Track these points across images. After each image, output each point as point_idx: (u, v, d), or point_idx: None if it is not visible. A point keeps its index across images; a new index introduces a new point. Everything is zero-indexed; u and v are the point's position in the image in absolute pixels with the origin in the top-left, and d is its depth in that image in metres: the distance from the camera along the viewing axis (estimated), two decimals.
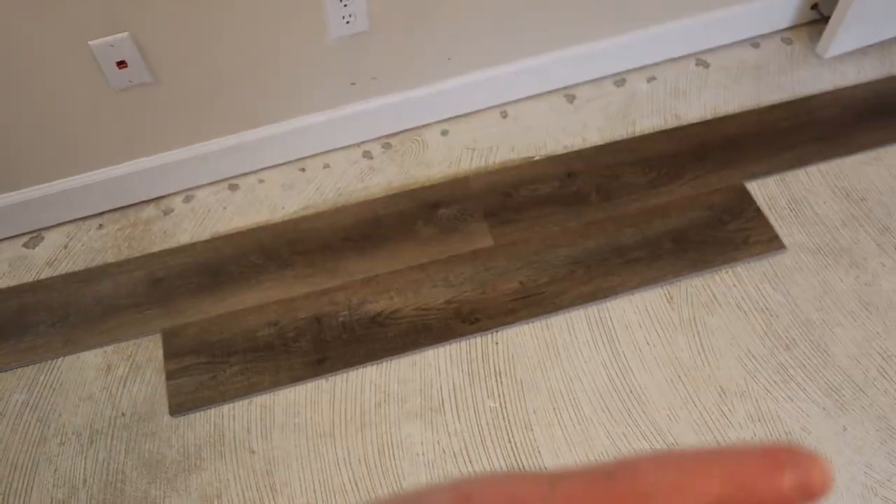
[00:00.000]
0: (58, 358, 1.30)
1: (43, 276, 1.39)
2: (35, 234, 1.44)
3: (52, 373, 1.28)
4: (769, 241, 1.38)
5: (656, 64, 1.63)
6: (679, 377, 1.25)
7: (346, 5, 1.28)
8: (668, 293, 1.34)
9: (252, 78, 1.34)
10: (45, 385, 1.27)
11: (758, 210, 1.42)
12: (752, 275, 1.35)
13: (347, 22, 1.31)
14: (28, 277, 1.39)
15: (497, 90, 1.55)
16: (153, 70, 1.26)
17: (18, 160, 1.32)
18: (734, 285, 1.34)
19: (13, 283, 1.38)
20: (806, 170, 1.48)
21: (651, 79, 1.62)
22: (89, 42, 1.18)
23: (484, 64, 1.49)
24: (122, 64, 1.23)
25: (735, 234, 1.39)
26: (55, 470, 1.19)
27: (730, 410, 1.22)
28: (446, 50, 1.43)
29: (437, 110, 1.53)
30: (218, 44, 1.26)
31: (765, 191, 1.45)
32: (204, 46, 1.26)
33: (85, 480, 1.18)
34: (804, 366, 1.26)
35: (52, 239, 1.44)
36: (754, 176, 1.46)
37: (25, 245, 1.43)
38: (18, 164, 1.33)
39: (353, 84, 1.42)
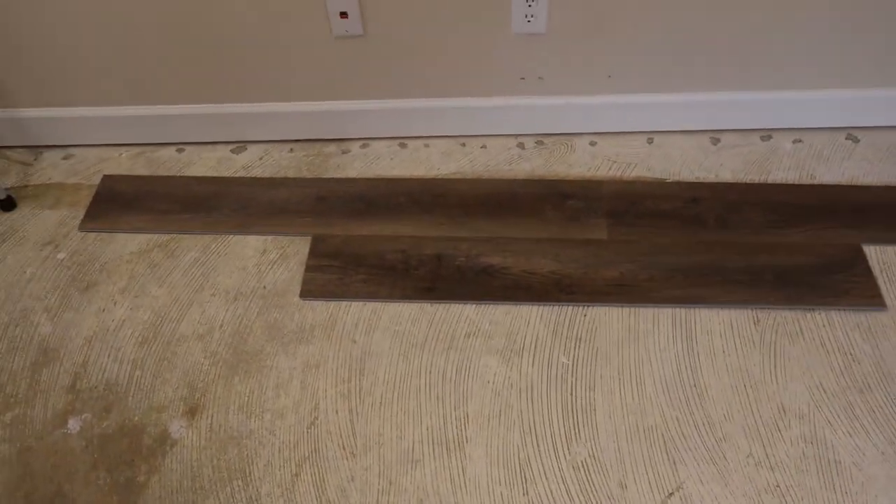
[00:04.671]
0: (230, 235, 1.59)
1: (238, 175, 1.71)
2: (241, 145, 1.78)
3: (222, 244, 1.58)
4: (870, 298, 1.43)
5: (806, 129, 1.73)
6: (744, 386, 1.33)
7: (530, 5, 1.52)
8: (756, 316, 1.42)
9: (440, 53, 1.60)
10: (215, 251, 1.56)
11: (868, 269, 1.47)
12: (844, 322, 1.41)
13: (528, 21, 1.54)
14: (227, 173, 1.72)
15: (649, 117, 1.72)
16: (365, 25, 1.55)
17: (246, 78, 1.65)
18: (823, 326, 1.40)
19: (216, 174, 1.71)
20: None
21: (797, 140, 1.72)
22: None
23: (640, 89, 1.67)
24: (343, 14, 1.54)
25: (838, 283, 1.45)
26: (203, 312, 1.47)
27: (785, 427, 1.28)
28: (609, 67, 1.62)
29: (591, 122, 1.73)
30: (420, 14, 1.53)
31: (881, 256, 1.49)
32: (407, 15, 1.53)
33: (221, 325, 1.44)
34: (874, 411, 1.29)
35: (253, 151, 1.77)
36: (874, 241, 1.52)
37: (232, 151, 1.77)
38: (245, 81, 1.66)
39: (522, 79, 1.65)
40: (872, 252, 1.50)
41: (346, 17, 1.54)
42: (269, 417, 1.32)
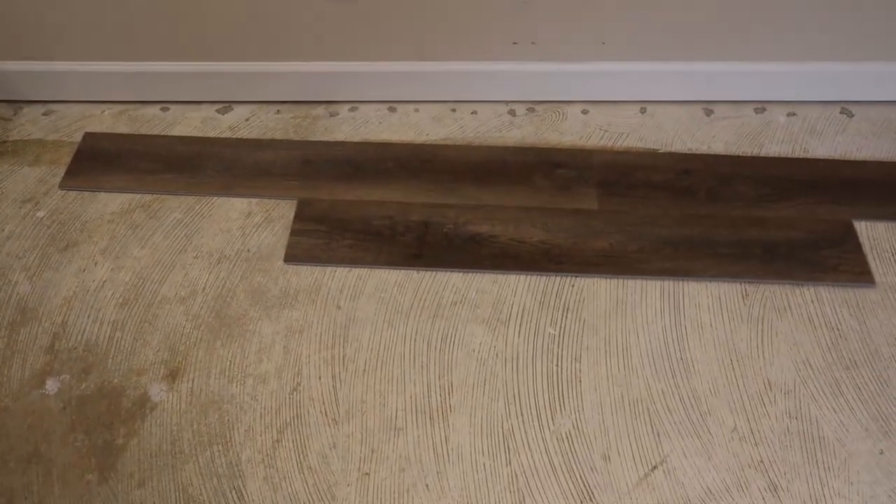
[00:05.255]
0: (214, 196, 1.56)
1: (223, 136, 1.67)
2: (227, 105, 1.74)
3: (206, 206, 1.55)
4: (859, 274, 1.42)
5: (801, 102, 1.71)
6: (731, 361, 1.32)
7: None
8: (745, 290, 1.41)
9: (432, 16, 1.56)
10: (198, 213, 1.53)
11: (858, 245, 1.46)
12: (832, 297, 1.40)
13: None
14: (212, 134, 1.68)
15: (642, 86, 1.69)
16: None
17: (234, 36, 1.61)
18: (811, 301, 1.39)
19: (201, 135, 1.67)
20: None
21: (791, 114, 1.70)
22: None
23: (635, 57, 1.64)
24: None
25: (827, 259, 1.44)
26: (185, 274, 1.44)
27: (770, 402, 1.27)
28: (603, 33, 1.59)
29: (583, 90, 1.70)
30: None
31: (872, 232, 1.48)
32: None
33: (204, 288, 1.42)
34: (859, 388, 1.29)
35: (239, 112, 1.73)
36: (865, 217, 1.51)
37: (218, 111, 1.73)
38: (232, 40, 1.62)
39: (514, 44, 1.61)
40: (863, 228, 1.49)
41: None
42: (250, 382, 1.30)
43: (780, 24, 1.57)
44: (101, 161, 1.63)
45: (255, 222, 1.52)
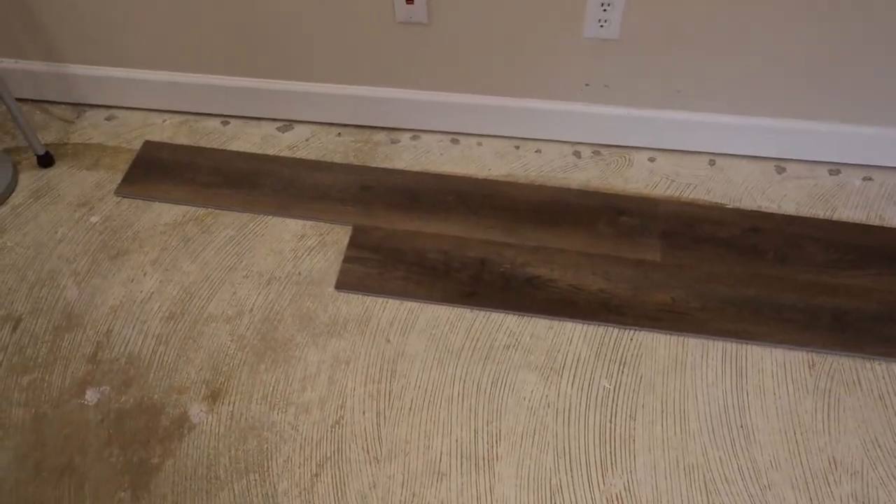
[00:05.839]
0: (269, 216, 1.53)
1: (283, 154, 1.66)
2: (288, 123, 1.72)
3: (260, 224, 1.52)
4: None
5: (879, 167, 1.65)
6: (795, 433, 1.25)
7: (605, 10, 1.45)
8: (812, 360, 1.34)
9: (504, 51, 1.54)
10: (252, 231, 1.51)
11: None
12: None
13: (601, 25, 1.47)
14: (272, 152, 1.66)
15: (713, 138, 1.64)
16: (430, 13, 1.49)
17: (300, 55, 1.60)
18: (883, 378, 1.32)
19: (260, 151, 1.66)
20: None
21: (867, 178, 1.63)
22: None
23: (708, 108, 1.59)
24: (409, 0, 1.47)
25: None
26: (234, 293, 1.41)
27: (835, 482, 1.20)
28: (679, 81, 1.55)
29: (653, 137, 1.65)
30: (489, 7, 1.47)
31: None
32: (475, 7, 1.47)
33: (251, 309, 1.39)
34: None
35: (300, 131, 1.71)
36: None
37: (279, 129, 1.71)
38: (298, 58, 1.60)
39: (586, 85, 1.58)
40: None
41: (412, 3, 1.48)
42: (292, 411, 1.26)
43: (859, 86, 1.52)
44: (158, 170, 1.62)
45: (308, 245, 1.49)
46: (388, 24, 1.52)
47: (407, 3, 1.48)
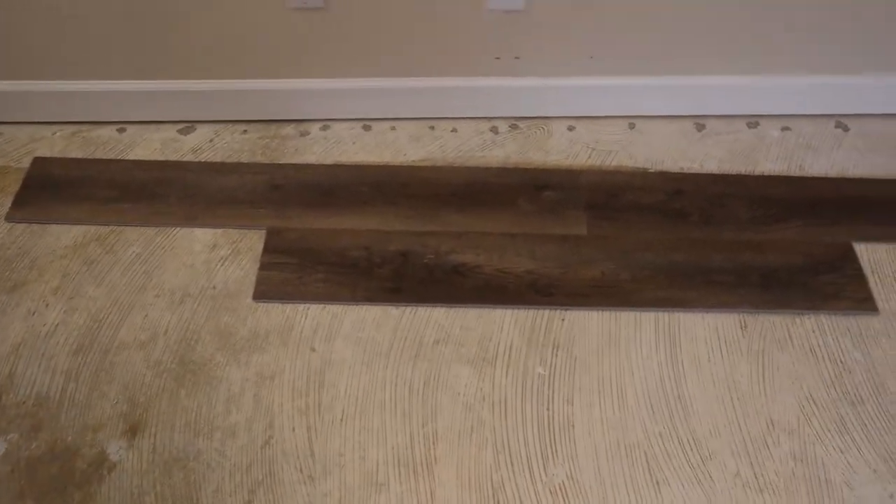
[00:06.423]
0: (176, 227, 1.45)
1: (185, 159, 1.56)
2: (190, 125, 1.62)
3: (167, 238, 1.44)
4: (861, 301, 1.35)
5: (794, 115, 1.64)
6: (731, 399, 1.25)
7: None
8: (743, 321, 1.33)
9: (408, 29, 1.46)
10: (160, 246, 1.42)
11: (859, 269, 1.39)
12: (834, 327, 1.33)
13: None
14: (174, 157, 1.56)
15: (630, 101, 1.61)
16: None
17: (194, 52, 1.50)
18: (813, 331, 1.32)
19: (160, 158, 1.56)
20: None
21: (785, 128, 1.62)
22: None
23: (623, 72, 1.55)
24: None
25: (827, 285, 1.37)
26: (146, 316, 1.33)
27: (774, 443, 1.20)
28: (591, 47, 1.50)
29: (569, 106, 1.61)
30: None
31: (873, 255, 1.42)
32: None
33: (166, 331, 1.31)
34: (865, 425, 1.22)
35: (203, 132, 1.61)
36: (865, 239, 1.44)
37: (180, 131, 1.61)
38: (193, 55, 1.50)
39: (497, 59, 1.52)
40: (863, 251, 1.42)
41: None
42: (218, 436, 1.20)
43: (771, 37, 1.49)
44: (51, 189, 1.51)
45: (220, 255, 1.41)
46: (280, 11, 1.43)
47: None
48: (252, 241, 1.43)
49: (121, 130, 1.62)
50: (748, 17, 1.46)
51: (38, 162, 1.56)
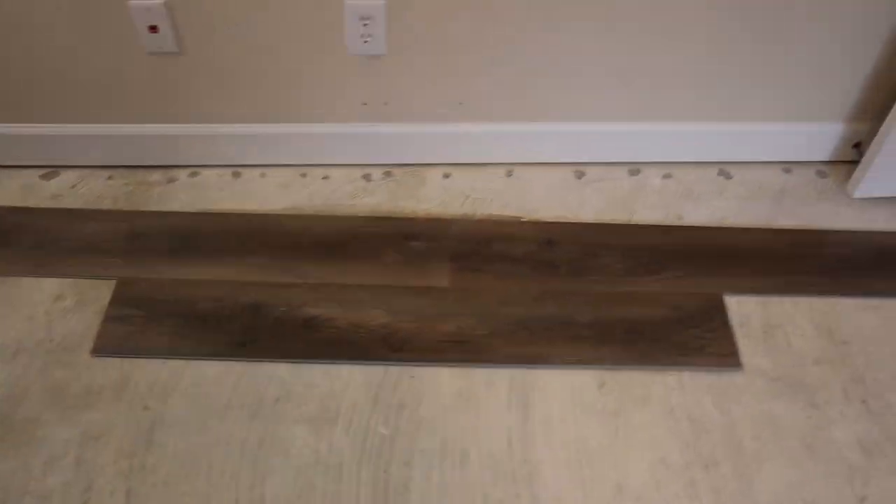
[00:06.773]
0: (23, 277, 1.39)
1: (44, 205, 1.51)
2: (53, 170, 1.58)
3: (11, 288, 1.38)
4: (725, 356, 1.30)
5: (678, 163, 1.61)
6: (580, 462, 1.18)
7: (366, 25, 1.35)
8: (603, 379, 1.28)
9: (271, 74, 1.43)
10: (1, 296, 1.36)
11: (725, 323, 1.34)
12: (696, 384, 1.27)
13: (365, 41, 1.38)
14: (32, 203, 1.51)
15: (507, 149, 1.57)
16: (181, 42, 1.37)
17: (58, 94, 1.45)
18: (674, 389, 1.27)
19: (16, 204, 1.51)
20: (794, 299, 1.39)
21: (667, 175, 1.59)
22: (128, 1, 1.31)
23: (497, 118, 1.52)
24: (153, 28, 1.35)
25: (693, 339, 1.32)
26: None
27: None
28: (458, 92, 1.47)
29: (444, 153, 1.57)
30: (243, 31, 1.36)
31: (742, 308, 1.37)
32: (228, 32, 1.36)
33: None
34: (717, 490, 1.16)
35: (66, 177, 1.57)
36: (736, 291, 1.39)
37: (42, 177, 1.57)
38: (57, 98, 1.46)
39: (364, 104, 1.48)
40: (733, 304, 1.38)
41: (157, 32, 1.36)
42: (28, 502, 1.13)
43: (653, 83, 1.47)
44: None
45: (64, 307, 1.35)
46: (136, 56, 1.39)
47: (151, 32, 1.36)
48: (100, 292, 1.37)
49: None
50: (628, 63, 1.43)
51: None
